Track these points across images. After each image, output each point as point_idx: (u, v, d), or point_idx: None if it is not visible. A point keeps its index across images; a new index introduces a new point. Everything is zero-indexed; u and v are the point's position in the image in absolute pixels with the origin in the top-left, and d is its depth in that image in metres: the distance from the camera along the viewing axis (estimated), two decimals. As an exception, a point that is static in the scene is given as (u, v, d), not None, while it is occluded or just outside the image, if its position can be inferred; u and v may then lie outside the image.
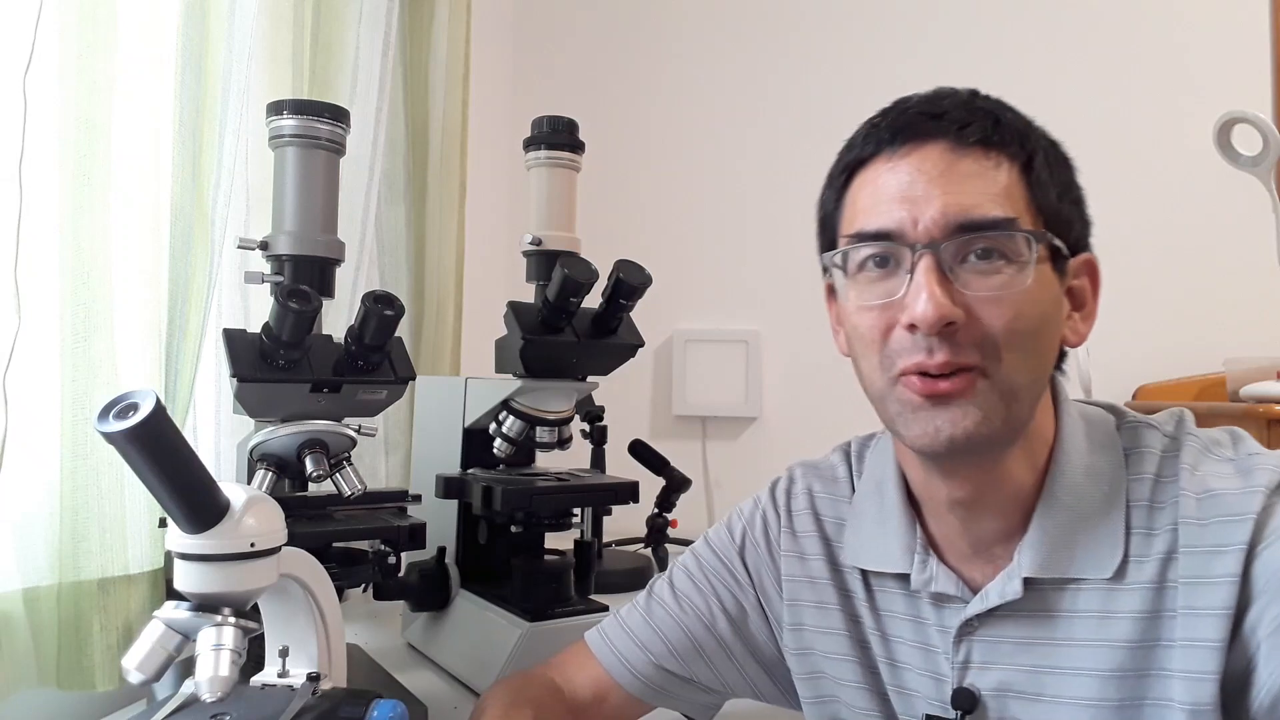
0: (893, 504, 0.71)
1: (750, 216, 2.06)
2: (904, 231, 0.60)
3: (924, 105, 0.63)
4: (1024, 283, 0.59)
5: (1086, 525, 0.62)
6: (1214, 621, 0.57)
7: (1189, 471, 0.62)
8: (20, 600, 0.85)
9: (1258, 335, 1.75)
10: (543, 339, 1.08)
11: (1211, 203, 1.81)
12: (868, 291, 0.62)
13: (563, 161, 1.16)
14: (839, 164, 0.67)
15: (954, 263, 0.59)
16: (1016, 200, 0.60)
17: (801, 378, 2.02)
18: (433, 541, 1.03)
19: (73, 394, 0.89)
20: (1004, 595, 0.63)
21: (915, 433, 0.60)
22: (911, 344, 0.59)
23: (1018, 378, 0.59)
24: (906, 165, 0.61)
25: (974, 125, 0.61)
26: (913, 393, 0.59)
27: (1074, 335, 0.66)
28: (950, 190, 0.59)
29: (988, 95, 0.65)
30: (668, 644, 0.79)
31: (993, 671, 0.65)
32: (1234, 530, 0.58)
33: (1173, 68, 1.87)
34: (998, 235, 0.59)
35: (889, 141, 0.62)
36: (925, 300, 0.57)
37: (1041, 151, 0.62)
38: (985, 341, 0.58)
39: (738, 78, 2.09)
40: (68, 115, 0.89)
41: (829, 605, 0.74)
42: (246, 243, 0.98)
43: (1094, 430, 0.66)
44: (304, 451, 0.92)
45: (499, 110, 2.05)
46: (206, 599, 0.63)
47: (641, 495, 1.13)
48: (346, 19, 1.39)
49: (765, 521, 0.80)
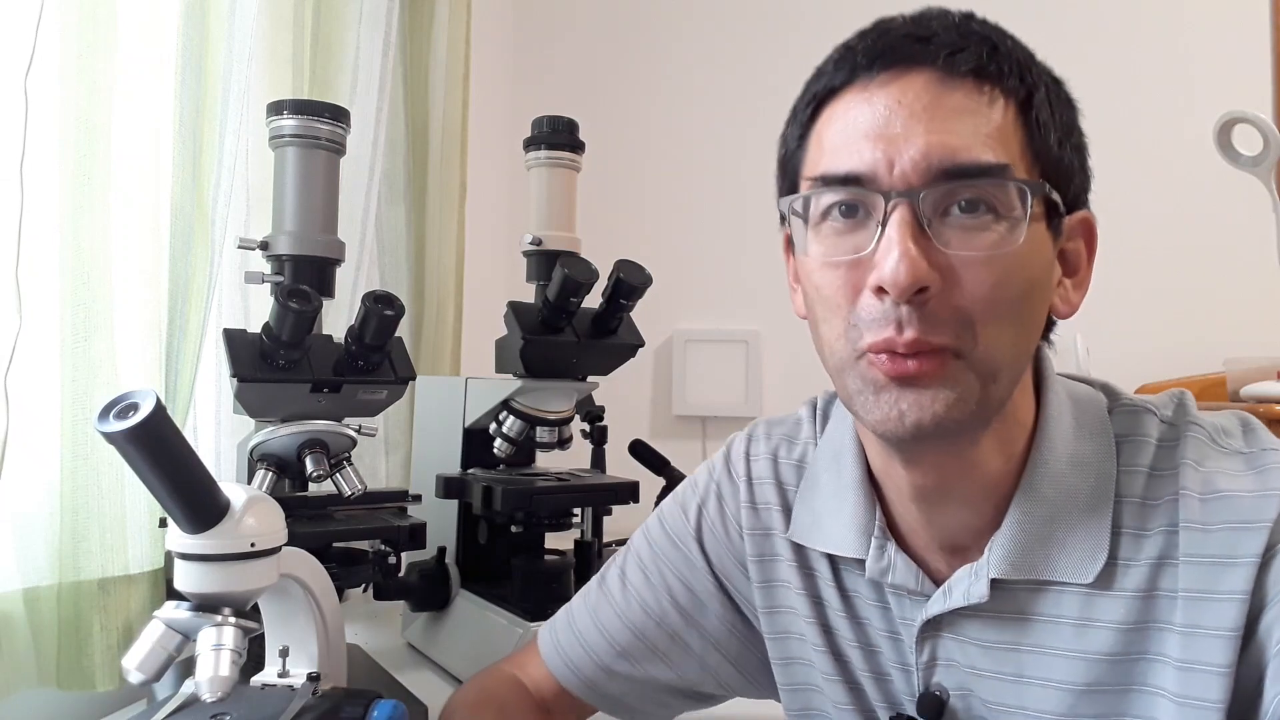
0: (850, 480, 0.63)
1: (750, 216, 2.06)
2: (877, 175, 0.51)
3: (908, 27, 0.54)
4: (1014, 242, 0.50)
5: (1067, 522, 0.55)
6: (1220, 644, 0.50)
7: (1192, 467, 0.54)
8: (20, 600, 0.85)
9: (1258, 335, 1.74)
10: (543, 339, 1.08)
11: (1211, 203, 1.81)
12: (832, 245, 0.53)
13: (563, 161, 1.16)
14: (805, 94, 0.58)
15: (934, 215, 0.50)
16: (1011, 144, 0.51)
17: (801, 378, 2.01)
18: (433, 541, 1.03)
19: (73, 394, 0.89)
20: (969, 596, 0.56)
21: (876, 416, 0.52)
22: (880, 314, 0.50)
23: (998, 355, 0.51)
24: (884, 96, 0.52)
25: (967, 51, 0.51)
26: (878, 371, 0.51)
27: (1064, 305, 0.57)
28: (935, 129, 0.50)
29: (984, 19, 0.55)
30: (615, 645, 0.72)
31: (958, 672, 0.59)
32: (1246, 539, 0.50)
33: (1173, 68, 1.87)
34: (987, 184, 0.50)
35: (865, 68, 0.53)
36: (897, 260, 0.49)
37: (1044, 87, 0.54)
38: (963, 312, 0.50)
39: (738, 78, 2.09)
40: (68, 115, 0.89)
41: (792, 586, 0.67)
42: (246, 243, 0.98)
43: (1082, 413, 0.58)
44: (304, 451, 0.92)
45: (499, 110, 2.05)
46: (206, 599, 0.63)
47: (642, 495, 1.13)
48: (346, 19, 1.39)
49: (721, 497, 0.72)
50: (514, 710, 0.73)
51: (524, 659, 0.78)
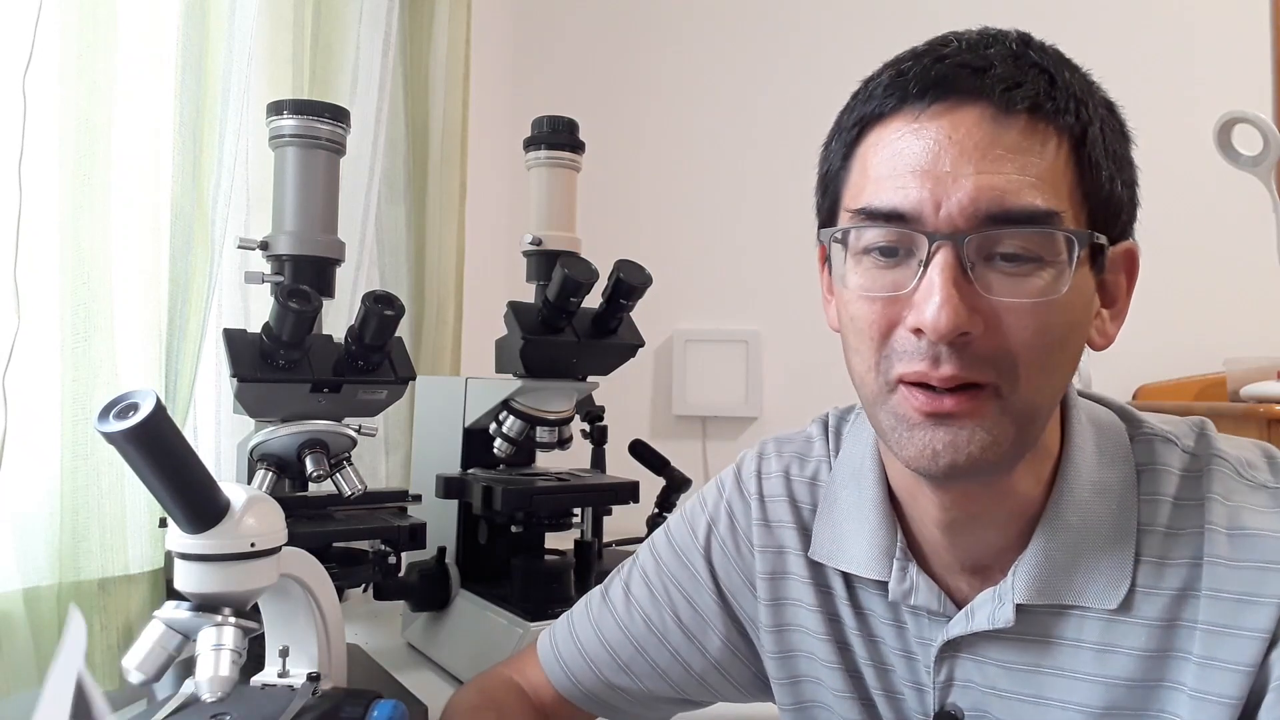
0: (871, 500, 0.63)
1: (750, 216, 2.06)
2: (922, 215, 0.49)
3: (965, 55, 0.51)
4: (1059, 290, 0.49)
5: (1092, 548, 0.55)
6: (1234, 677, 0.50)
7: (1219, 502, 0.54)
8: (20, 600, 0.85)
9: (1258, 335, 1.75)
10: (543, 339, 1.08)
11: (1211, 203, 1.81)
12: (872, 279, 0.52)
13: (563, 161, 1.16)
14: (851, 113, 0.56)
15: (977, 259, 0.49)
16: (1061, 187, 0.50)
17: (801, 378, 2.02)
18: (433, 541, 1.03)
19: (73, 394, 0.89)
20: (993, 621, 0.56)
21: (910, 453, 0.52)
22: (915, 348, 0.50)
23: (1037, 398, 0.51)
24: (934, 129, 0.50)
25: (1024, 87, 0.49)
26: (911, 407, 0.51)
27: (1100, 337, 0.56)
28: (985, 169, 0.48)
29: (1043, 44, 0.54)
30: (617, 658, 0.73)
31: (975, 692, 0.59)
32: (1272, 579, 0.51)
33: (1173, 68, 1.87)
34: (1036, 232, 0.49)
35: (917, 96, 0.51)
36: (938, 306, 0.48)
37: (1099, 121, 0.52)
38: (1003, 356, 0.49)
39: (738, 77, 2.09)
40: (68, 115, 0.89)
41: (806, 604, 0.66)
42: (246, 243, 0.98)
43: (1104, 440, 0.58)
44: (304, 451, 0.92)
45: (499, 110, 2.04)
46: (207, 599, 0.63)
47: (642, 495, 1.13)
48: (346, 19, 1.39)
49: (732, 514, 0.72)
50: (513, 715, 0.73)
51: (523, 664, 0.79)
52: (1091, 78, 0.55)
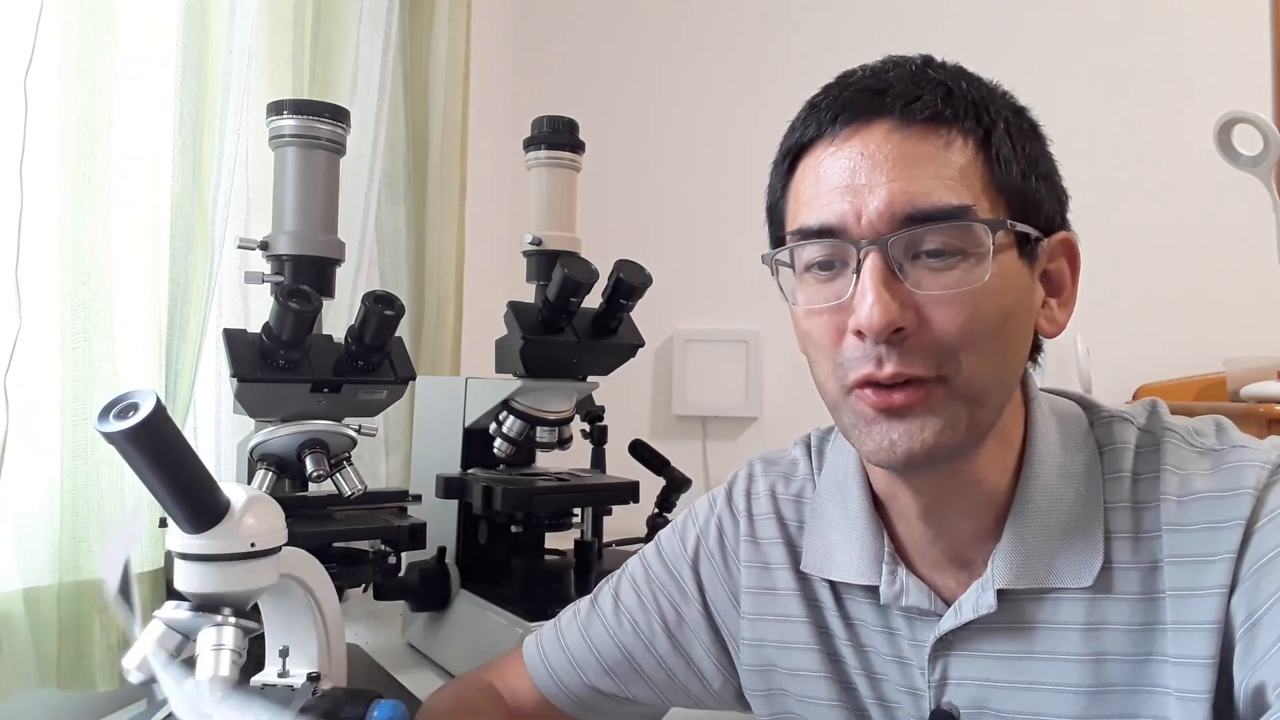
0: (857, 508, 0.65)
1: (750, 217, 2.05)
2: (847, 226, 0.54)
3: (867, 80, 0.57)
4: (981, 278, 0.53)
5: (1061, 530, 0.58)
6: (1205, 636, 0.53)
7: (1171, 471, 0.57)
8: (20, 600, 0.85)
9: (1258, 335, 1.74)
10: (543, 339, 1.08)
11: (1211, 203, 1.80)
12: (815, 292, 0.57)
13: (563, 161, 1.16)
14: (781, 148, 0.62)
15: (904, 258, 0.53)
16: (973, 183, 0.54)
17: (801, 378, 1.99)
18: (433, 541, 1.03)
19: (73, 394, 0.89)
20: (977, 609, 0.58)
21: (870, 447, 0.55)
22: (862, 353, 0.54)
23: (981, 381, 0.54)
24: (849, 149, 0.55)
25: (922, 99, 0.54)
26: (866, 405, 0.55)
27: (1050, 324, 0.59)
28: (896, 176, 0.53)
29: (943, 62, 0.59)
30: (603, 663, 0.74)
31: (970, 688, 0.60)
32: (1222, 538, 0.54)
33: (1173, 68, 1.87)
34: (950, 226, 0.53)
35: (830, 122, 0.56)
36: (870, 306, 0.52)
37: (1002, 123, 0.56)
38: (941, 347, 0.53)
39: (738, 78, 2.09)
40: (68, 115, 0.89)
41: (794, 618, 0.68)
42: (246, 243, 0.98)
43: (1066, 426, 0.61)
44: (304, 451, 0.92)
45: (499, 110, 2.04)
46: (206, 599, 0.63)
47: (642, 495, 1.13)
48: (346, 19, 1.39)
49: (722, 529, 0.74)
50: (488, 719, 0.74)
51: (504, 668, 0.79)
52: (997, 85, 0.59)
